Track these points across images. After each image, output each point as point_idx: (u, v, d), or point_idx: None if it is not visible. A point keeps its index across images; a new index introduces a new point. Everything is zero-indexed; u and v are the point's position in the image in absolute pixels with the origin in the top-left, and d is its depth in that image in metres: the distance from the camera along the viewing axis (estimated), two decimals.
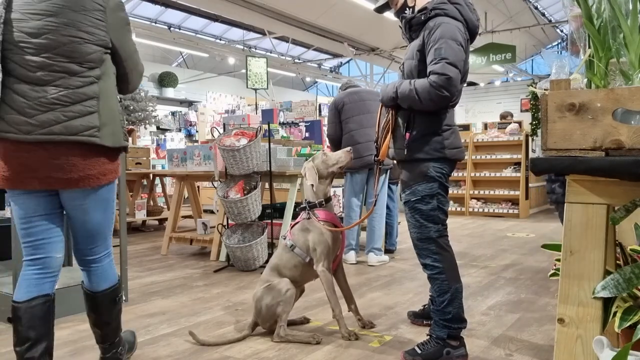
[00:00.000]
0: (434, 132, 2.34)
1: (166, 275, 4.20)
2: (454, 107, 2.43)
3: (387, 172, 4.63)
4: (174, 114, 12.12)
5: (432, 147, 2.33)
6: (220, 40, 15.44)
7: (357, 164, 4.26)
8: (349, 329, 2.65)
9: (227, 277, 4.10)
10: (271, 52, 15.87)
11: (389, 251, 5.00)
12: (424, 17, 2.33)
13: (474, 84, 18.88)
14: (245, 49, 15.30)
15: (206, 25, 14.93)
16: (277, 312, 2.59)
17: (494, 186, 8.50)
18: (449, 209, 7.66)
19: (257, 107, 7.92)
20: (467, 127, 9.08)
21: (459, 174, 8.58)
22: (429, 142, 2.33)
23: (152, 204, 7.05)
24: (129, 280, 3.44)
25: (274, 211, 4.77)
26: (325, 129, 5.55)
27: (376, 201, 3.30)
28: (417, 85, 2.26)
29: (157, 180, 7.35)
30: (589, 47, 1.49)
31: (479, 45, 12.23)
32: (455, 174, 8.31)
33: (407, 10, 2.47)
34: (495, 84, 18.96)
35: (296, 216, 2.84)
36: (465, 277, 3.85)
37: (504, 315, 3.03)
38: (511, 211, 8.21)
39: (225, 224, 4.63)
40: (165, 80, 13.62)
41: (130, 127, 7.45)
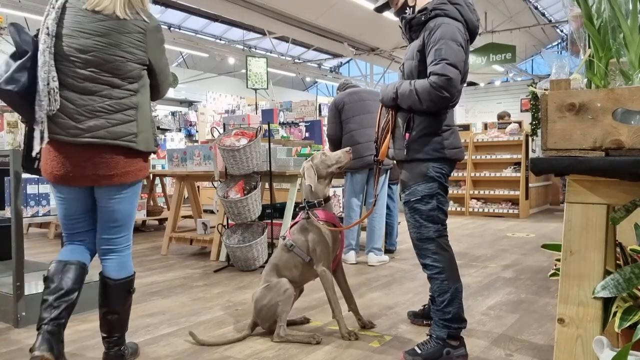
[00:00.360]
0: (434, 133, 2.34)
1: (166, 275, 4.20)
2: (453, 108, 2.43)
3: (387, 172, 4.62)
4: (174, 114, 12.12)
5: (432, 147, 2.33)
6: (220, 40, 15.45)
7: (357, 164, 4.26)
8: (348, 329, 2.65)
9: (227, 277, 4.10)
10: (271, 52, 15.88)
11: (389, 251, 5.00)
12: (424, 18, 2.33)
13: (474, 84, 18.89)
14: (245, 49, 15.31)
15: (206, 25, 14.94)
16: (276, 312, 2.59)
17: (494, 186, 8.50)
18: (449, 209, 7.67)
19: (257, 107, 7.93)
20: (467, 127, 9.07)
21: (459, 174, 8.58)
22: (428, 143, 2.33)
23: (152, 204, 7.04)
24: None
25: (274, 211, 4.77)
26: (325, 129, 5.55)
27: (376, 201, 3.30)
28: (417, 85, 2.26)
29: (157, 180, 7.35)
30: (589, 47, 1.49)
31: (479, 45, 12.24)
32: (455, 174, 8.32)
33: (408, 10, 2.47)
34: (495, 84, 18.98)
35: (296, 216, 2.84)
36: (465, 277, 3.85)
37: (504, 315, 3.03)
38: (511, 211, 8.22)
39: (225, 224, 4.63)
40: None
41: None
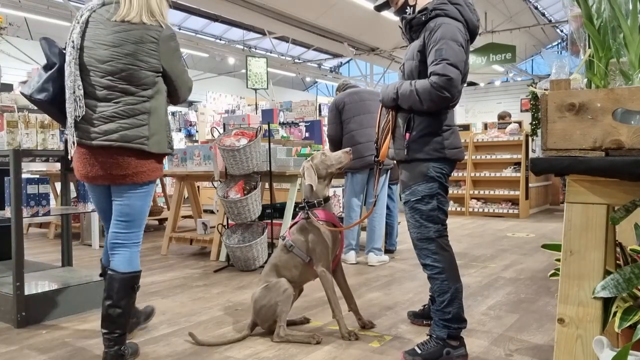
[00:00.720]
0: (434, 133, 2.34)
1: (166, 275, 4.20)
2: (454, 108, 2.43)
3: (387, 173, 4.62)
4: (173, 114, 12.11)
5: (432, 147, 2.33)
6: (220, 40, 15.45)
7: (358, 164, 4.26)
8: (348, 329, 2.65)
9: (227, 277, 4.10)
10: (271, 52, 15.88)
11: (389, 251, 4.99)
12: (425, 18, 2.33)
13: (474, 84, 18.90)
14: (245, 49, 15.31)
15: (206, 25, 14.94)
16: (276, 312, 2.59)
17: (494, 186, 8.50)
18: (449, 209, 7.66)
19: (257, 107, 7.93)
20: (467, 127, 9.07)
21: (459, 174, 8.58)
22: (428, 143, 2.33)
23: (152, 204, 7.04)
24: None
25: (274, 211, 4.77)
26: (325, 129, 5.55)
27: (376, 201, 3.30)
28: (418, 86, 2.26)
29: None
30: (589, 47, 1.49)
31: (479, 45, 12.24)
32: (455, 174, 8.32)
33: (408, 9, 2.47)
34: (495, 84, 18.98)
35: (296, 216, 2.84)
36: (465, 277, 3.85)
37: (504, 315, 3.03)
38: (511, 211, 8.22)
39: (225, 224, 4.63)
40: None
41: None
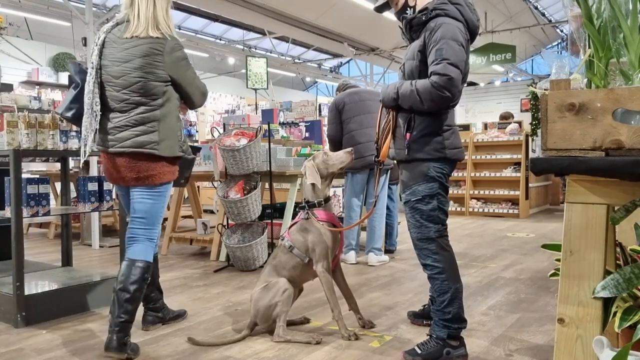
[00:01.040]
0: (434, 133, 2.34)
1: (166, 275, 4.20)
2: (454, 107, 2.43)
3: (387, 173, 4.62)
4: None
5: (433, 147, 2.33)
6: (220, 40, 15.44)
7: (358, 164, 4.25)
8: (348, 329, 2.65)
9: (227, 277, 4.10)
10: (271, 52, 15.87)
11: (389, 251, 4.99)
12: (425, 18, 2.33)
13: (474, 84, 18.88)
14: (245, 49, 15.30)
15: (206, 25, 14.92)
16: (275, 313, 2.59)
17: (494, 186, 8.50)
18: (449, 209, 7.63)
19: (257, 107, 7.93)
20: (467, 127, 9.07)
21: (459, 174, 8.58)
22: (429, 143, 2.33)
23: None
24: None
25: (274, 211, 4.77)
26: (325, 129, 5.55)
27: (376, 201, 3.30)
28: (419, 85, 2.26)
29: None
30: (589, 47, 1.49)
31: (479, 45, 12.23)
32: (455, 174, 8.31)
33: (408, 10, 2.47)
34: (495, 84, 18.97)
35: (296, 216, 2.84)
36: (465, 277, 3.85)
37: (504, 315, 3.03)
38: (511, 211, 8.22)
39: (225, 224, 4.63)
40: None
41: None
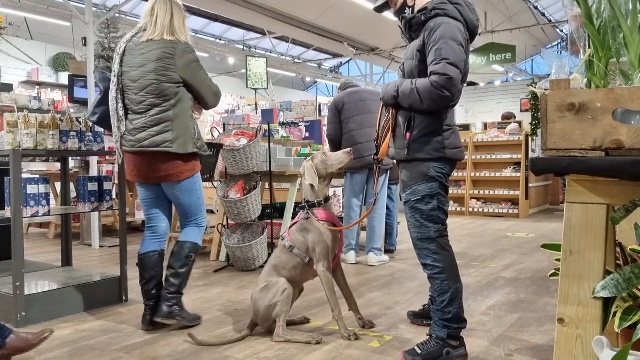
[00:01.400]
0: (435, 132, 2.34)
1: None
2: (454, 107, 2.43)
3: (387, 172, 4.62)
4: None
5: (433, 147, 2.33)
6: (220, 40, 15.43)
7: (358, 164, 4.25)
8: (348, 329, 2.65)
9: (227, 277, 4.10)
10: (271, 52, 15.87)
11: (389, 251, 4.99)
12: (424, 18, 2.33)
13: (474, 84, 18.88)
14: (245, 49, 15.29)
15: (206, 25, 14.91)
16: (275, 312, 2.59)
17: (494, 186, 8.50)
18: (449, 209, 7.62)
19: (257, 107, 7.93)
20: (467, 127, 9.07)
21: (459, 174, 8.58)
22: (429, 142, 2.33)
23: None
24: (128, 280, 3.43)
25: (274, 211, 4.76)
26: (325, 129, 5.55)
27: (376, 201, 3.29)
28: (419, 85, 2.26)
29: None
30: (589, 47, 1.49)
31: (479, 45, 12.23)
32: (455, 174, 8.30)
33: (407, 10, 2.46)
34: (495, 84, 18.96)
35: (296, 216, 2.84)
36: (465, 277, 3.85)
37: (504, 315, 3.03)
38: (511, 211, 8.21)
39: (225, 224, 4.63)
40: None
41: None
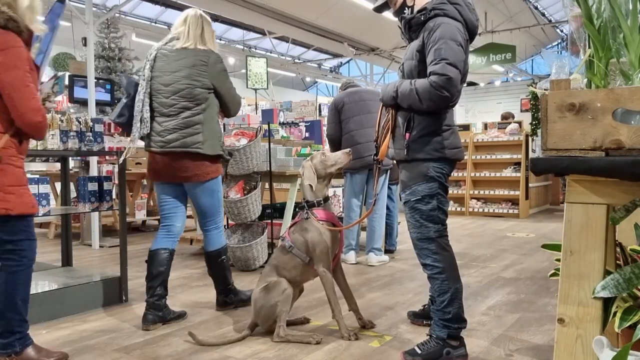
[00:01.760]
0: (434, 132, 2.34)
1: None
2: (453, 107, 2.43)
3: (387, 172, 4.62)
4: None
5: (432, 147, 2.33)
6: (220, 40, 15.43)
7: (357, 164, 4.25)
8: (348, 329, 2.65)
9: None
10: (271, 52, 15.87)
11: (389, 251, 4.99)
12: (424, 18, 2.33)
13: (474, 84, 18.88)
14: (245, 49, 15.30)
15: None
16: (275, 313, 2.59)
17: (494, 186, 8.50)
18: (449, 209, 7.65)
19: (257, 107, 7.92)
20: (467, 127, 9.07)
21: (459, 174, 8.58)
22: (428, 142, 2.33)
23: (152, 204, 7.04)
24: (129, 280, 3.43)
25: (274, 211, 4.77)
26: (325, 129, 5.55)
27: (376, 201, 3.29)
28: (418, 85, 2.26)
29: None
30: (589, 47, 1.49)
31: (479, 45, 12.24)
32: (455, 174, 8.31)
33: (406, 10, 2.46)
34: (495, 84, 18.97)
35: (296, 216, 2.84)
36: (465, 277, 3.85)
37: (504, 315, 3.03)
38: (511, 211, 8.21)
39: (225, 224, 4.63)
40: None
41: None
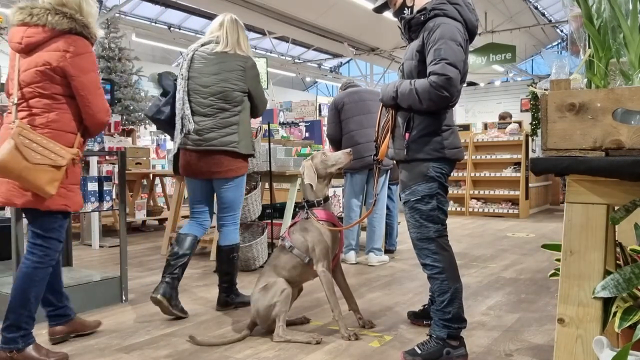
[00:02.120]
0: (434, 132, 2.34)
1: None
2: (453, 107, 2.43)
3: (387, 173, 4.62)
4: None
5: (432, 147, 2.33)
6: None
7: (357, 164, 4.24)
8: (348, 329, 2.65)
9: None
10: (271, 52, 15.87)
11: (389, 251, 4.99)
12: (423, 18, 2.33)
13: (474, 84, 18.89)
14: None
15: (206, 25, 14.90)
16: (274, 313, 2.59)
17: (494, 186, 8.50)
18: (449, 209, 7.65)
19: None
20: (467, 127, 9.07)
21: (459, 174, 8.58)
22: (428, 143, 2.33)
23: (152, 204, 7.04)
24: (129, 280, 3.43)
25: (274, 211, 4.77)
26: (325, 129, 5.55)
27: (376, 201, 3.29)
28: (418, 85, 2.26)
29: (157, 180, 7.35)
30: (589, 47, 1.49)
31: (479, 45, 12.24)
32: (455, 174, 8.31)
33: (406, 10, 2.47)
34: (495, 84, 18.97)
35: (296, 216, 2.84)
36: (465, 277, 3.85)
37: (504, 315, 3.03)
38: (511, 211, 8.21)
39: None
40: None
41: (130, 127, 7.44)
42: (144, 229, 7.04)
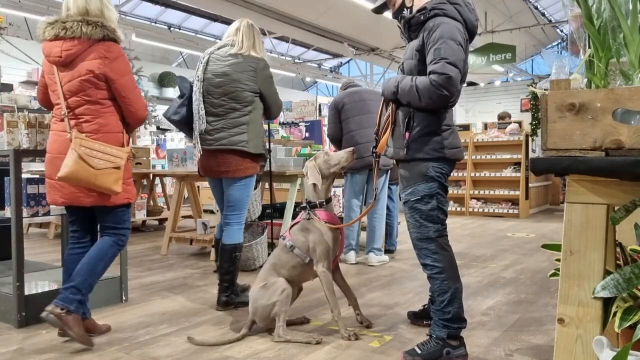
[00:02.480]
0: (434, 132, 2.34)
1: (166, 275, 4.20)
2: (452, 107, 2.43)
3: (387, 173, 4.61)
4: None
5: (432, 147, 2.33)
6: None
7: (358, 164, 4.24)
8: (349, 329, 2.65)
9: None
10: (271, 52, 15.86)
11: (389, 251, 4.99)
12: (423, 17, 2.33)
13: (474, 84, 18.87)
14: None
15: (206, 25, 14.92)
16: (274, 312, 2.59)
17: (494, 186, 8.50)
18: (449, 209, 7.65)
19: None
20: (467, 127, 9.07)
21: (459, 174, 8.58)
22: (428, 142, 2.33)
23: (152, 204, 7.04)
24: (129, 280, 3.43)
25: (274, 211, 4.77)
26: (325, 129, 5.55)
27: (376, 197, 3.27)
28: (418, 82, 2.26)
29: (157, 180, 7.34)
30: (589, 47, 1.49)
31: (479, 45, 12.24)
32: (455, 174, 8.31)
33: (405, 10, 2.47)
34: (495, 84, 18.95)
35: (296, 216, 2.84)
36: (465, 277, 3.85)
37: (504, 315, 3.03)
38: (511, 211, 8.21)
39: None
40: (165, 80, 13.60)
41: None
42: (144, 229, 7.04)
